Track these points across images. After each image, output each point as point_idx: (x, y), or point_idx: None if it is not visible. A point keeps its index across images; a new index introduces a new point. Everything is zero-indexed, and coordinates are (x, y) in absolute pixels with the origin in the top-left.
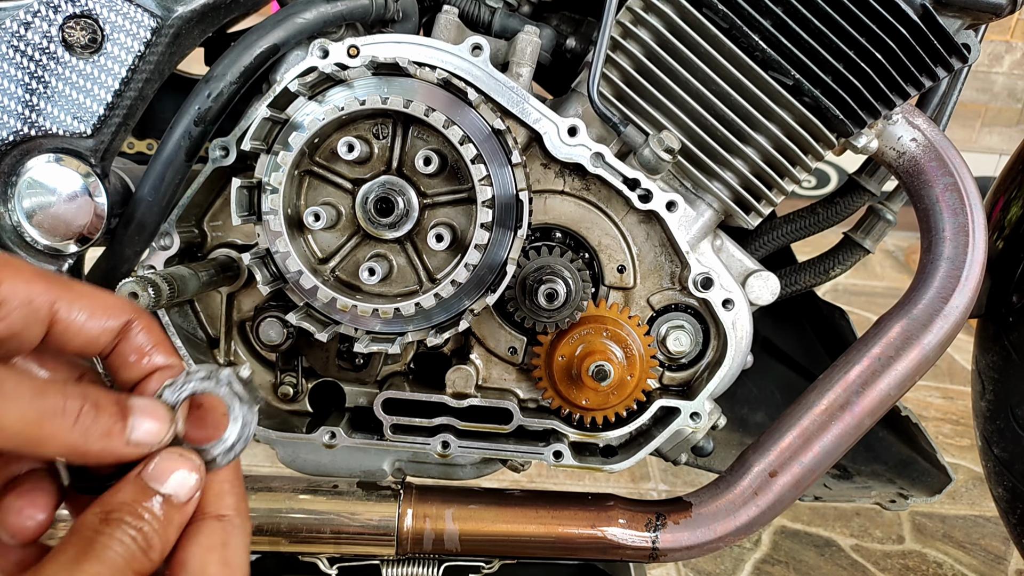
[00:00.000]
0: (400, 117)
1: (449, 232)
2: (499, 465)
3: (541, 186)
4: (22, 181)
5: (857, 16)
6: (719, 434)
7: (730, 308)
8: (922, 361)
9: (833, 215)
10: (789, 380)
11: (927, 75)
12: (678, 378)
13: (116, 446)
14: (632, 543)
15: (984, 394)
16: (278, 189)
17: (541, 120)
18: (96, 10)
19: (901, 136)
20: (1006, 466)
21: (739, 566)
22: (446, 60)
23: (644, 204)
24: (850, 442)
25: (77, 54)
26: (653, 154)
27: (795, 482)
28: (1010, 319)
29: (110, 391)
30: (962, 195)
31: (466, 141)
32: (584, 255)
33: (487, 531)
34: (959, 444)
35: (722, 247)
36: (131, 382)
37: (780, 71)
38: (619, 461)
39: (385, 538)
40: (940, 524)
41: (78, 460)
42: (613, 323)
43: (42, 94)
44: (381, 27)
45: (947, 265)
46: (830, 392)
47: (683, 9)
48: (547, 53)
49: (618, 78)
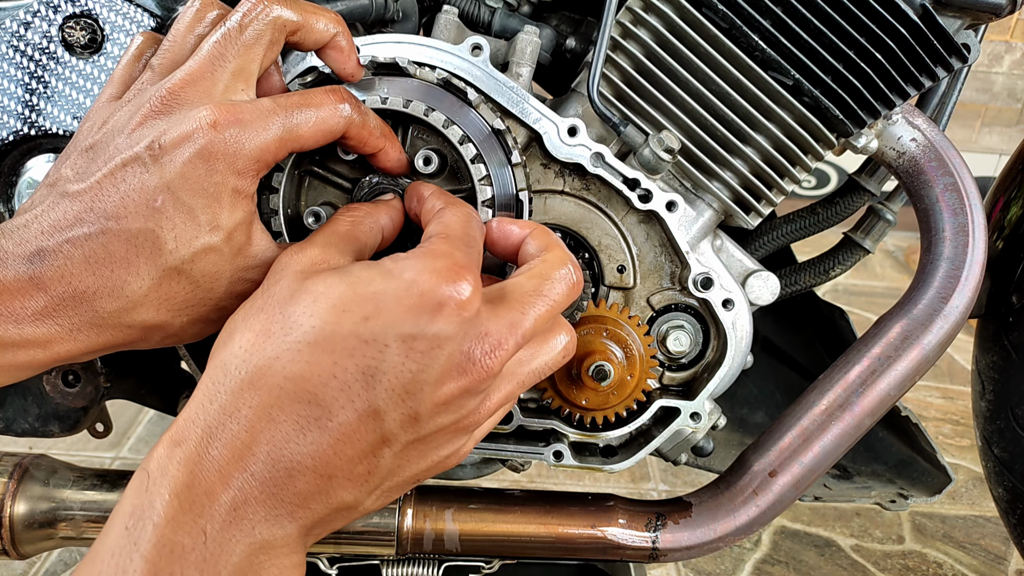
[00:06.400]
0: (400, 117)
1: None
2: (499, 465)
3: (541, 186)
4: (22, 181)
5: (857, 16)
6: (719, 434)
7: (730, 308)
8: (922, 361)
9: (833, 215)
10: (789, 380)
11: (927, 75)
12: (678, 378)
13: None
14: (632, 543)
15: (984, 394)
16: (278, 189)
17: (541, 120)
18: (96, 10)
19: (901, 136)
20: (1006, 466)
21: (739, 566)
22: (446, 60)
23: (644, 204)
24: (850, 442)
25: (77, 54)
26: (653, 154)
27: (795, 482)
28: (1010, 319)
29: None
30: (962, 195)
31: (466, 141)
32: (584, 255)
33: (487, 531)
34: (959, 444)
35: (722, 247)
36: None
37: (780, 71)
38: (619, 461)
39: (385, 538)
40: (940, 524)
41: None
42: (613, 323)
43: (42, 94)
44: (381, 27)
45: (947, 265)
46: (830, 392)
47: (683, 9)
48: (547, 53)
49: (618, 78)
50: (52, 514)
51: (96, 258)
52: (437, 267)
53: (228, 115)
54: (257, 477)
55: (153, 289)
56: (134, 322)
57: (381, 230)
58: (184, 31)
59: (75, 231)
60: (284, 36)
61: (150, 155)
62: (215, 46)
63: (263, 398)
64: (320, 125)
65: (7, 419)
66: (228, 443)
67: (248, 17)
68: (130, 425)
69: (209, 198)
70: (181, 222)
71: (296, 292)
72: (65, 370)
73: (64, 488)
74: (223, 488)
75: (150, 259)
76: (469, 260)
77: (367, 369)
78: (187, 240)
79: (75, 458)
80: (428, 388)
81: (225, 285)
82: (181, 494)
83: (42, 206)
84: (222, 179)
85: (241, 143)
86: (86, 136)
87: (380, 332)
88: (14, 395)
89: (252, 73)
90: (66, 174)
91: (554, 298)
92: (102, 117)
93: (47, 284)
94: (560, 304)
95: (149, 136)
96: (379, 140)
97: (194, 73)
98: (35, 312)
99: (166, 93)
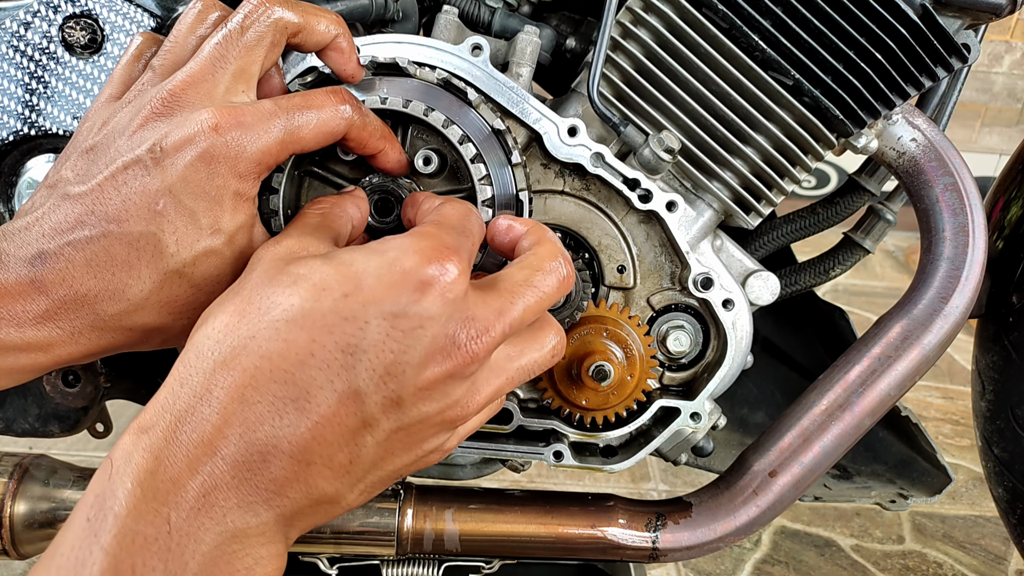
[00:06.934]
0: (399, 117)
1: None
2: (499, 465)
3: (541, 186)
4: (22, 181)
5: (857, 16)
6: (719, 434)
7: (730, 308)
8: (922, 361)
9: (833, 215)
10: (789, 380)
11: (927, 75)
12: (678, 378)
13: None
14: (632, 543)
15: (984, 394)
16: (278, 190)
17: (541, 120)
18: (96, 10)
19: (901, 136)
20: (1006, 466)
21: (739, 566)
22: (446, 60)
23: (644, 204)
24: (850, 442)
25: (77, 54)
26: (653, 154)
27: (795, 482)
28: (1010, 319)
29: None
30: (962, 195)
31: (465, 141)
32: (584, 255)
33: (487, 531)
34: (959, 444)
35: (722, 247)
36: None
37: (780, 71)
38: (619, 461)
39: (385, 538)
40: (940, 524)
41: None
42: (613, 323)
43: (42, 94)
44: (381, 27)
45: (947, 265)
46: (830, 392)
47: (683, 9)
48: (547, 53)
49: (618, 78)
50: (52, 514)
51: (97, 261)
52: (422, 247)
53: (230, 118)
54: (228, 461)
55: (154, 292)
56: (135, 325)
57: (350, 220)
58: (186, 32)
59: (76, 234)
60: (285, 38)
61: (151, 158)
62: (216, 48)
63: (237, 378)
64: (321, 127)
65: (7, 419)
66: (198, 427)
67: (250, 19)
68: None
69: (211, 201)
70: (183, 225)
71: (275, 276)
72: (65, 370)
73: (64, 488)
74: (190, 474)
75: (151, 262)
76: (458, 244)
77: (347, 347)
78: (188, 243)
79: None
80: (411, 370)
81: (226, 288)
82: (144, 482)
83: (43, 208)
84: (224, 182)
85: (243, 146)
86: (86, 137)
87: (360, 309)
88: (14, 395)
89: (253, 75)
90: (67, 176)
91: (544, 290)
92: (102, 118)
93: (48, 287)
94: (549, 296)
95: (150, 139)
96: (379, 142)
97: (195, 75)
98: (36, 315)
99: (167, 95)
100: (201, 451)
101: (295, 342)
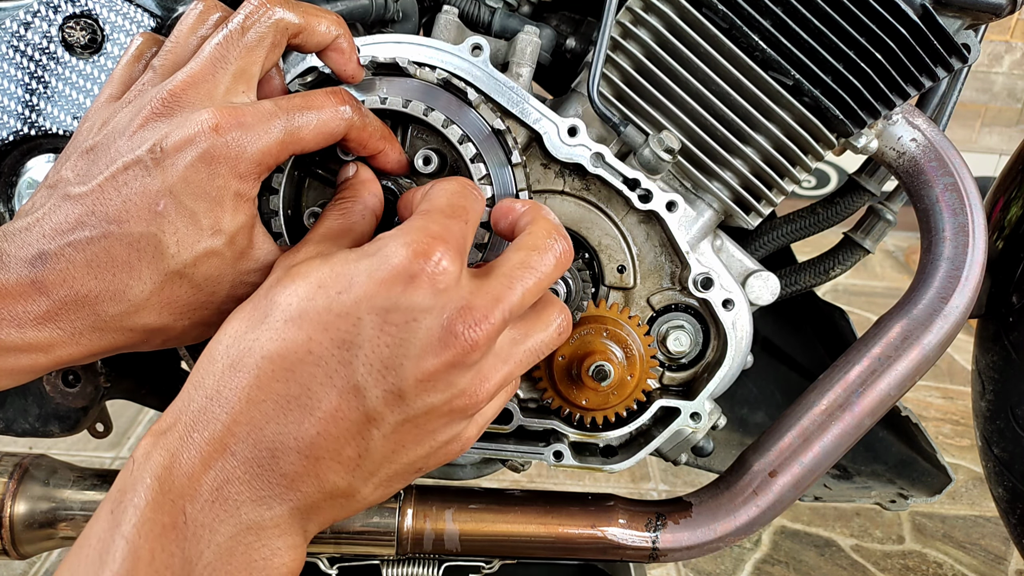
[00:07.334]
0: (399, 117)
1: None
2: (499, 465)
3: (541, 186)
4: (22, 181)
5: (857, 16)
6: (719, 434)
7: (730, 308)
8: (922, 361)
9: (833, 215)
10: (789, 380)
11: (927, 75)
12: (678, 378)
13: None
14: (632, 543)
15: (984, 394)
16: (278, 191)
17: (541, 120)
18: (96, 10)
19: (901, 136)
20: (1006, 466)
21: (739, 566)
22: (446, 60)
23: (644, 204)
24: (850, 442)
25: (77, 54)
26: (653, 154)
27: (795, 482)
28: (1010, 319)
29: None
30: (962, 195)
31: (465, 140)
32: (584, 255)
33: (487, 531)
34: (959, 444)
35: (722, 247)
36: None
37: (780, 71)
38: (619, 461)
39: (385, 538)
40: (940, 524)
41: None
42: (613, 323)
43: (42, 94)
44: (381, 27)
45: (947, 265)
46: (830, 392)
47: (683, 9)
48: (547, 53)
49: (618, 78)
50: (52, 514)
51: (98, 262)
52: (409, 240)
53: (230, 118)
54: (239, 458)
55: (155, 293)
56: (136, 325)
57: (372, 212)
58: (186, 32)
59: (77, 234)
60: (286, 38)
61: (152, 158)
62: (217, 48)
63: (243, 379)
64: (321, 128)
65: (7, 419)
66: (210, 426)
67: (251, 19)
68: (130, 425)
69: (211, 202)
70: (183, 226)
71: (281, 279)
72: (65, 370)
73: (64, 488)
74: (204, 470)
75: (152, 263)
76: (446, 232)
77: (342, 343)
78: (189, 244)
79: (75, 458)
80: (409, 363)
81: (227, 288)
82: (162, 477)
83: (43, 209)
84: (224, 183)
85: (243, 147)
86: (86, 137)
87: (352, 305)
88: (14, 395)
89: (253, 75)
90: (67, 176)
91: (542, 269)
92: (102, 118)
93: (49, 288)
94: (548, 275)
95: (151, 139)
96: (379, 142)
97: (196, 75)
98: (37, 316)
99: (167, 95)
100: (213, 448)
101: (294, 341)
